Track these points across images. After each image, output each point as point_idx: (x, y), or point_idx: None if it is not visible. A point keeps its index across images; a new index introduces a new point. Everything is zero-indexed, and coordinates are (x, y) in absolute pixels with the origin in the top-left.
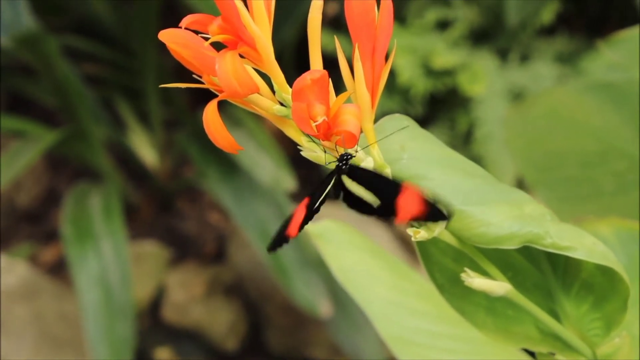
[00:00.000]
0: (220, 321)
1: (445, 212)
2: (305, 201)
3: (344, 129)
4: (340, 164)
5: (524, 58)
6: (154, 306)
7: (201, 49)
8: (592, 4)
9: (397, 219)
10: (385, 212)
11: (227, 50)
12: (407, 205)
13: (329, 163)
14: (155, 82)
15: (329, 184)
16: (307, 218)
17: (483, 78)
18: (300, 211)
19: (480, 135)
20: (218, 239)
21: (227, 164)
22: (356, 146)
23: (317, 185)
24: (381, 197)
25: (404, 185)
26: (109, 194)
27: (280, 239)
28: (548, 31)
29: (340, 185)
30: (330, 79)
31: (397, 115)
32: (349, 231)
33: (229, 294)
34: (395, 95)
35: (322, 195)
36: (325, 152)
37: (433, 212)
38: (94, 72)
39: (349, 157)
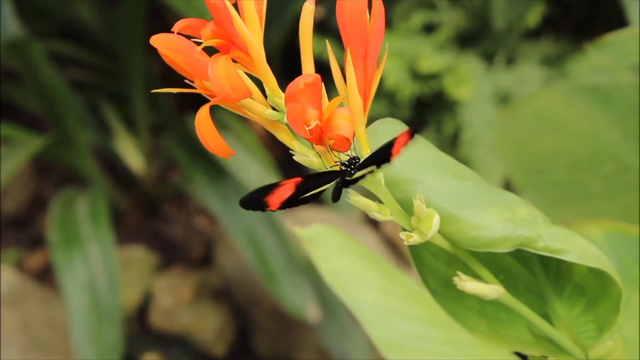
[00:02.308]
0: (208, 326)
1: (419, 122)
2: (297, 180)
3: (337, 133)
4: (348, 169)
5: (510, 61)
6: (142, 311)
7: (193, 53)
8: (577, 7)
9: (392, 159)
10: (381, 162)
11: (220, 54)
12: (397, 146)
13: (331, 167)
14: (142, 87)
15: (326, 182)
16: (292, 200)
17: (469, 81)
18: (288, 187)
19: (466, 139)
20: (205, 243)
21: (214, 168)
22: (350, 150)
23: (313, 174)
24: (379, 161)
25: (393, 147)
26: (95, 199)
27: (256, 202)
28: (534, 34)
29: (341, 189)
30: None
31: (388, 119)
32: (339, 235)
33: (217, 298)
34: (381, 99)
35: (315, 188)
36: (321, 157)
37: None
38: (79, 77)
39: (357, 161)
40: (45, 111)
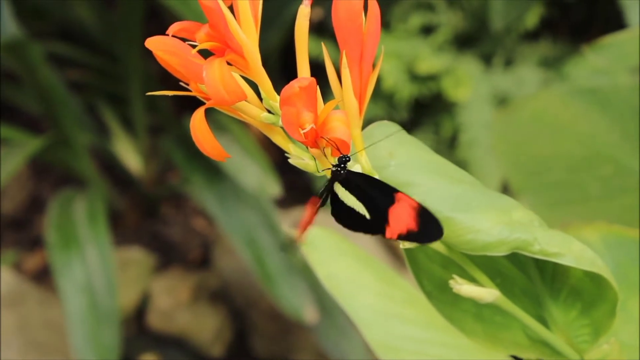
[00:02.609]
0: (205, 327)
1: (439, 228)
2: (314, 201)
3: (333, 136)
4: (338, 169)
5: (508, 63)
6: (140, 312)
7: (188, 56)
8: (576, 9)
9: (388, 232)
10: (376, 225)
11: (215, 57)
12: (398, 218)
13: (323, 170)
14: (140, 88)
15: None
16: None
17: (467, 83)
18: (311, 213)
19: (465, 140)
20: (203, 245)
21: (212, 169)
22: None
23: (322, 189)
24: (373, 207)
25: (397, 195)
26: (93, 200)
27: (291, 243)
28: (532, 36)
29: (329, 192)
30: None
31: (384, 121)
32: (336, 238)
33: (215, 300)
34: (379, 101)
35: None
36: (316, 160)
37: (425, 230)
38: (78, 78)
39: (347, 159)
40: (43, 112)
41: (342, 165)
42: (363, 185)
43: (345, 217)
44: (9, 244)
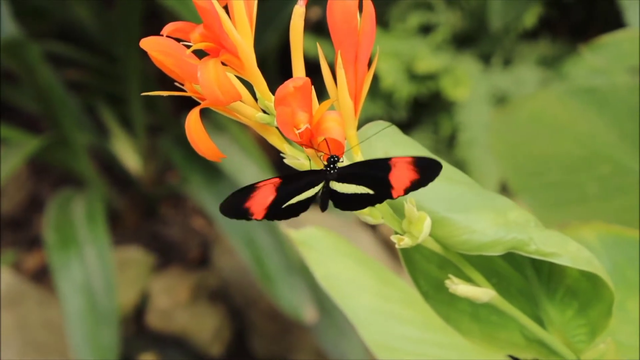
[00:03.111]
0: (205, 327)
1: (437, 164)
2: (276, 181)
3: (327, 136)
4: (328, 169)
5: (507, 62)
6: (139, 312)
7: (183, 56)
8: (575, 9)
9: (394, 193)
10: (382, 194)
11: (209, 58)
12: (399, 178)
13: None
14: (138, 88)
15: (310, 184)
16: (276, 206)
17: (466, 82)
18: (268, 190)
19: (463, 140)
20: (202, 244)
21: (211, 169)
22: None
23: (293, 174)
24: (374, 183)
25: (392, 161)
26: (92, 200)
27: (237, 209)
28: (531, 35)
29: (328, 194)
30: (312, 86)
31: (380, 122)
32: (334, 238)
33: (214, 299)
34: (378, 100)
35: (298, 191)
36: (310, 160)
37: (427, 173)
38: (76, 78)
39: (337, 159)
40: (42, 112)
41: (332, 166)
42: (357, 172)
43: (349, 203)
44: (7, 243)
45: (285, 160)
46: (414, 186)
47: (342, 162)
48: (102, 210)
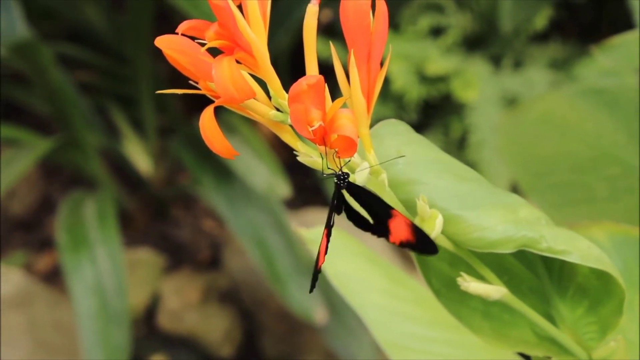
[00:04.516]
0: (215, 328)
1: (433, 245)
2: (325, 233)
3: (340, 134)
4: (339, 182)
5: (517, 64)
6: (149, 313)
7: (197, 54)
8: (584, 10)
9: (390, 238)
10: (380, 231)
11: (224, 55)
12: (397, 229)
13: (326, 175)
14: (149, 89)
15: (334, 206)
16: (328, 243)
17: (476, 84)
18: (324, 243)
19: (474, 142)
20: (213, 246)
21: (221, 170)
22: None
23: (328, 214)
24: (375, 216)
25: (393, 212)
26: (103, 202)
27: (315, 276)
28: (541, 37)
29: (342, 200)
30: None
31: (392, 120)
32: (344, 237)
33: (224, 301)
34: (389, 102)
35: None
36: (322, 157)
37: (421, 243)
38: (87, 80)
39: (347, 175)
40: (53, 113)
41: (342, 179)
42: (364, 197)
43: (356, 218)
44: (19, 244)
45: (298, 158)
46: (409, 246)
47: (354, 159)
48: (113, 211)
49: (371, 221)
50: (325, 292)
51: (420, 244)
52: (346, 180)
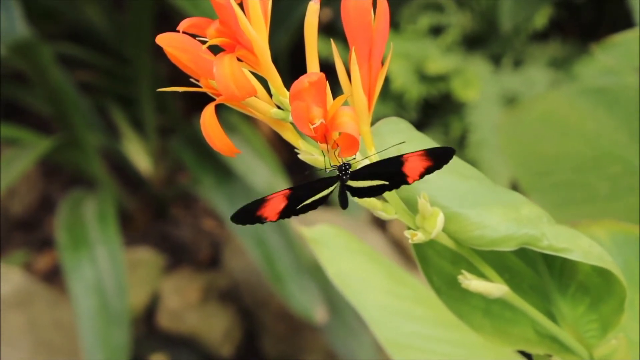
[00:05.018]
0: (215, 328)
1: (449, 149)
2: (286, 192)
3: (342, 131)
4: (342, 174)
5: (518, 63)
6: (149, 313)
7: (199, 52)
8: (585, 10)
9: (409, 180)
10: (397, 182)
11: (225, 53)
12: (414, 167)
13: (329, 170)
14: (149, 89)
15: (321, 190)
16: (288, 210)
17: (476, 83)
18: (279, 199)
19: (474, 141)
20: (213, 245)
21: (222, 170)
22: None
23: (304, 183)
24: (389, 177)
25: (404, 157)
26: (103, 201)
27: (251, 216)
28: (541, 36)
29: (345, 193)
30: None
31: (393, 118)
32: (345, 236)
33: (224, 300)
34: (389, 101)
35: (309, 196)
36: (324, 155)
37: (441, 157)
38: (88, 80)
39: (349, 166)
40: (53, 113)
41: (344, 172)
42: (370, 172)
43: (366, 193)
44: (18, 244)
45: (299, 156)
46: (428, 171)
47: (355, 158)
48: (113, 211)
49: (387, 183)
50: (326, 291)
51: (439, 159)
52: (349, 171)
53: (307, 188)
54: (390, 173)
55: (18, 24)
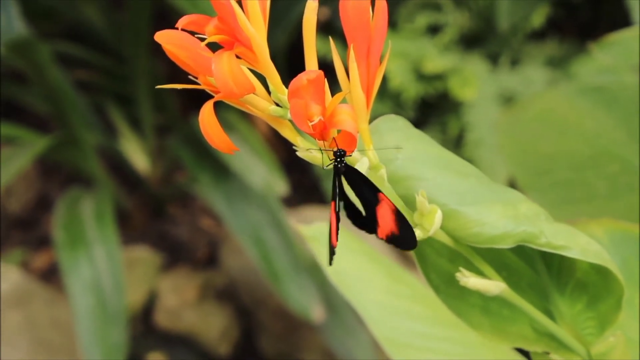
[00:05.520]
0: (212, 326)
1: (413, 238)
2: (333, 206)
3: (340, 129)
4: (337, 163)
5: (515, 62)
6: (147, 311)
7: (197, 49)
8: (582, 9)
9: (379, 232)
10: (371, 224)
11: (224, 50)
12: (384, 219)
13: (327, 166)
14: (147, 88)
15: (336, 186)
16: (338, 223)
17: (474, 82)
18: (334, 219)
19: (471, 140)
20: (210, 244)
21: (219, 169)
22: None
23: (332, 189)
24: (365, 203)
25: (380, 195)
26: (101, 200)
27: (332, 251)
28: (539, 35)
29: (342, 187)
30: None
31: (391, 116)
32: (344, 234)
33: (222, 299)
34: (386, 100)
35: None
36: (322, 152)
37: (403, 235)
38: (85, 78)
39: (343, 152)
40: (51, 112)
41: (340, 159)
42: (357, 180)
43: (352, 214)
44: (16, 243)
45: (298, 153)
46: (393, 240)
47: (353, 154)
48: (110, 209)
49: (363, 213)
50: (323, 290)
51: (403, 237)
52: (344, 158)
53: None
54: (368, 200)
55: (16, 23)
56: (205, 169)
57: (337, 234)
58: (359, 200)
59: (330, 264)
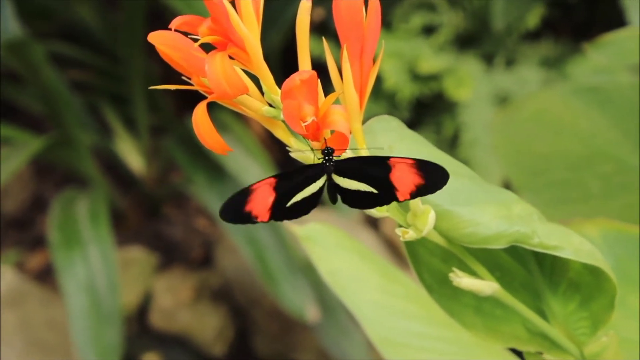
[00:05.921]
0: (207, 326)
1: (443, 171)
2: (271, 180)
3: (333, 129)
4: (325, 162)
5: (510, 63)
6: (141, 312)
7: (190, 50)
8: (577, 9)
9: (400, 196)
10: (386, 195)
11: (217, 51)
12: (403, 179)
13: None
14: (142, 88)
15: (310, 179)
16: (279, 208)
17: (469, 83)
18: (266, 190)
19: (466, 140)
20: (205, 244)
21: (214, 169)
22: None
23: (290, 171)
24: (374, 182)
25: (391, 161)
26: (95, 200)
27: (240, 212)
28: (533, 36)
29: (334, 187)
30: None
31: (385, 116)
32: (337, 234)
33: (217, 299)
34: (381, 100)
35: (298, 188)
36: (314, 152)
37: (432, 178)
38: (80, 79)
39: (332, 151)
40: (45, 112)
41: (328, 157)
42: (355, 167)
43: (356, 200)
44: (11, 243)
45: (291, 154)
46: (421, 191)
47: (346, 155)
48: (105, 210)
49: (374, 191)
50: (318, 290)
51: (431, 181)
52: (332, 157)
53: (294, 176)
54: (377, 177)
55: (10, 23)
56: (199, 169)
57: (269, 214)
58: (365, 185)
59: (221, 215)
